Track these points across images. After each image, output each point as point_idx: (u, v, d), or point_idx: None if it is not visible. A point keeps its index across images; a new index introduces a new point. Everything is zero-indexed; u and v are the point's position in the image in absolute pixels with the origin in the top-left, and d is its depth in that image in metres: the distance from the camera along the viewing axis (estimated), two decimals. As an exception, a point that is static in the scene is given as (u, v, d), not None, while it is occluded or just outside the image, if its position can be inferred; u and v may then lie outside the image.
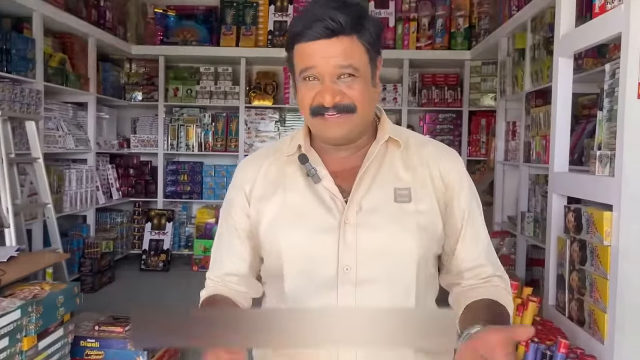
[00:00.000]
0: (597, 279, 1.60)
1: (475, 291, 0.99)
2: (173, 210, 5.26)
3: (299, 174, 1.02)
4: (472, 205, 1.04)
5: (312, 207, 0.99)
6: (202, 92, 5.30)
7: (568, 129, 2.01)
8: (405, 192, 0.98)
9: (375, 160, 1.00)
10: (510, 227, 3.97)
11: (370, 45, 0.96)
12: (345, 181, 1.00)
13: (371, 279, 0.95)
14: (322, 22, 0.91)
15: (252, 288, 1.08)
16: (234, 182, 1.09)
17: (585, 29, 1.78)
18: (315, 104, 0.95)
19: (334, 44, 0.92)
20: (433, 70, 5.39)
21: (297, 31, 0.95)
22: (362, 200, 0.98)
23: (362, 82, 0.95)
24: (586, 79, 2.82)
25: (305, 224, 0.98)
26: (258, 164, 1.07)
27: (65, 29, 4.11)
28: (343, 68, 0.93)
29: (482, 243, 1.04)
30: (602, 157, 1.66)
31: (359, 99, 0.94)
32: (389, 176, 1.00)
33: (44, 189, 3.20)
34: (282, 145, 1.08)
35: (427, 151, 1.04)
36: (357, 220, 0.96)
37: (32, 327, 1.96)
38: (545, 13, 3.23)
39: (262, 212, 1.02)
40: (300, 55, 0.96)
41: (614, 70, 1.66)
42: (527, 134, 3.54)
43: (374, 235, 0.96)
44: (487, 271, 1.02)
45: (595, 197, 1.67)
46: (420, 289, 0.99)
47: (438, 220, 1.00)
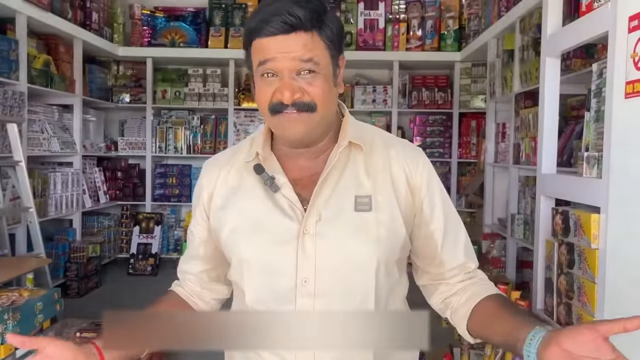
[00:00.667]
0: (585, 282, 1.57)
1: (474, 289, 0.98)
2: (161, 213, 5.20)
3: (258, 181, 0.98)
4: (446, 204, 1.02)
5: (271, 216, 0.95)
6: (191, 94, 5.26)
7: (556, 129, 1.98)
8: (366, 201, 0.95)
9: (336, 166, 0.96)
10: (501, 229, 3.95)
11: (331, 42, 0.92)
12: (305, 189, 0.96)
13: (329, 291, 0.92)
14: (280, 16, 0.86)
15: (208, 289, 1.07)
16: (197, 186, 1.07)
17: (572, 28, 1.76)
18: (274, 101, 0.90)
19: (293, 40, 0.88)
20: (423, 72, 5.38)
21: (254, 26, 0.90)
22: (322, 209, 0.94)
23: (323, 79, 0.91)
24: (575, 80, 2.80)
25: (264, 234, 0.95)
26: (217, 172, 1.03)
27: (50, 30, 4.06)
28: (303, 63, 0.88)
29: (461, 240, 1.02)
30: (589, 159, 1.63)
31: (320, 97, 0.90)
32: (350, 183, 0.96)
33: (26, 192, 3.14)
34: (242, 149, 1.04)
35: (393, 154, 1.00)
36: (317, 230, 0.93)
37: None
38: (533, 14, 3.21)
39: (223, 220, 1.00)
40: (257, 51, 0.90)
41: (601, 70, 1.63)
42: (516, 136, 3.53)
43: (333, 246, 0.93)
44: (469, 267, 1.02)
45: (583, 199, 1.64)
46: (381, 297, 0.96)
47: (400, 228, 0.97)
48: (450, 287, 1.01)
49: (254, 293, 0.96)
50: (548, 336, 0.76)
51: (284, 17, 0.86)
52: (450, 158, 5.22)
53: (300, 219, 0.94)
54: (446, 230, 1.00)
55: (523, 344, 0.78)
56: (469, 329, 0.96)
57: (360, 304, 0.94)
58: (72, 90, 4.33)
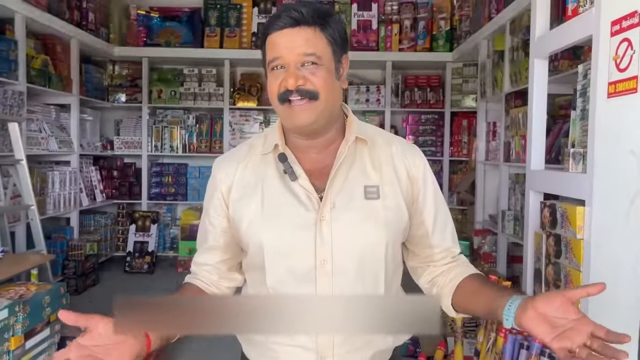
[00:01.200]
0: (571, 271, 1.67)
1: (457, 270, 1.10)
2: (157, 212, 5.25)
3: (275, 173, 1.07)
4: (437, 195, 1.13)
5: (290, 205, 1.05)
6: (186, 93, 5.31)
7: (544, 128, 2.08)
8: (374, 190, 1.06)
9: (345, 159, 1.07)
10: (492, 225, 4.05)
11: (333, 39, 1.03)
12: (318, 180, 1.06)
13: (345, 270, 1.02)
14: (287, 12, 1.00)
15: (226, 278, 1.14)
16: (212, 182, 1.14)
17: (558, 31, 1.85)
18: (282, 90, 1.01)
19: (298, 33, 1.00)
20: (415, 72, 5.47)
21: (267, 24, 1.03)
22: (336, 198, 1.04)
23: (324, 70, 1.01)
24: (563, 80, 2.90)
25: (284, 222, 1.04)
26: (234, 166, 1.11)
27: (47, 30, 4.10)
28: (306, 56, 1.00)
29: (449, 228, 1.14)
30: (575, 155, 1.72)
31: (322, 86, 1.00)
32: (359, 175, 1.07)
33: (28, 190, 3.19)
34: (257, 144, 1.13)
35: (394, 150, 1.12)
36: (332, 216, 1.03)
37: (19, 326, 1.97)
38: (522, 16, 3.31)
39: (242, 212, 1.08)
40: (269, 47, 1.03)
41: (586, 71, 1.72)
42: (506, 134, 3.62)
43: (347, 230, 1.03)
44: (455, 251, 1.14)
45: (569, 193, 1.73)
46: (389, 276, 1.08)
47: (404, 214, 1.08)
48: (437, 269, 1.13)
49: (276, 275, 1.04)
50: (524, 302, 0.88)
51: (290, 13, 1.00)
52: (442, 156, 5.31)
53: (316, 207, 1.03)
54: (436, 218, 1.12)
55: (502, 310, 0.90)
56: (453, 304, 1.08)
57: (373, 281, 1.05)
58: (69, 89, 4.38)
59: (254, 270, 1.10)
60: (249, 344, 1.13)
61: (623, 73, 1.40)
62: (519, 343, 1.74)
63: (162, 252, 5.32)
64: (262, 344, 1.08)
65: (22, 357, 2.02)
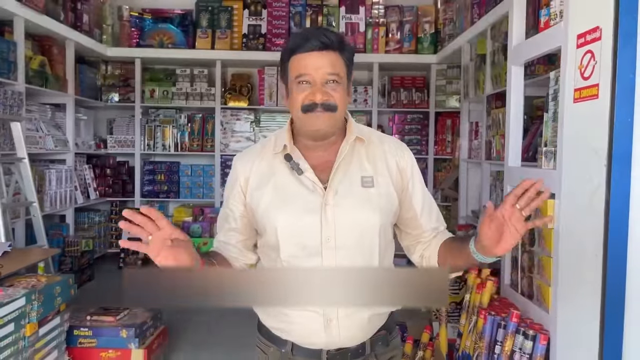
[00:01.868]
0: (543, 258, 1.85)
1: (436, 240, 1.32)
2: (150, 209, 5.36)
3: (285, 168, 1.27)
4: (422, 183, 1.35)
5: (299, 193, 1.24)
6: (178, 93, 5.43)
7: (520, 128, 2.26)
8: (369, 179, 1.27)
9: (346, 155, 1.27)
10: (474, 220, 4.25)
11: (349, 61, 1.26)
12: (322, 173, 1.26)
13: (346, 245, 1.22)
14: (318, 37, 1.19)
15: (243, 256, 1.34)
16: (233, 174, 1.34)
17: (532, 42, 2.03)
18: (307, 102, 1.20)
19: (325, 56, 1.20)
20: (401, 73, 5.66)
21: (296, 43, 1.22)
22: (338, 186, 1.24)
23: (342, 88, 1.23)
24: (540, 83, 3.10)
25: (295, 207, 1.24)
26: (252, 160, 1.32)
27: (44, 32, 4.20)
28: (330, 75, 1.20)
29: (434, 209, 1.36)
30: (547, 153, 1.91)
31: (340, 101, 1.22)
32: (357, 167, 1.27)
33: (30, 188, 3.30)
34: (269, 143, 1.33)
35: (386, 147, 1.32)
36: (334, 201, 1.23)
37: (34, 314, 2.10)
38: (503, 22, 3.50)
39: (258, 198, 1.28)
40: (296, 64, 1.21)
41: (557, 77, 1.90)
42: (488, 134, 3.82)
43: (348, 213, 1.23)
44: (440, 228, 1.36)
45: (542, 188, 1.91)
46: (382, 250, 1.28)
47: (394, 200, 1.29)
48: (424, 244, 1.34)
49: (289, 250, 1.24)
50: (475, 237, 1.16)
51: (321, 38, 1.19)
52: (427, 155, 5.51)
53: (321, 194, 1.23)
54: (423, 203, 1.33)
55: (470, 252, 1.16)
56: (439, 265, 1.29)
57: (369, 254, 1.25)
58: (64, 89, 4.48)
59: (269, 249, 1.29)
60: (264, 312, 1.32)
61: (587, 81, 1.59)
62: (497, 323, 1.92)
63: (155, 248, 5.43)
64: (276, 311, 1.26)
65: (36, 344, 2.15)
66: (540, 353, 1.74)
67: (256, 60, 5.41)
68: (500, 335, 1.89)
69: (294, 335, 1.27)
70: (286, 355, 1.28)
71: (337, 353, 1.25)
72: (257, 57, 5.35)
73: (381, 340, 1.31)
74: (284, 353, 1.28)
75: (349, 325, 1.23)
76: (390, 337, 1.34)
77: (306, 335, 1.25)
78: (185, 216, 5.21)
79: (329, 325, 1.22)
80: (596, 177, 1.53)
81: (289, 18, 5.41)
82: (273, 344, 1.30)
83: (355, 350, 1.26)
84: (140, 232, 1.00)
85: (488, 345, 1.95)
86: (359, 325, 1.25)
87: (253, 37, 5.38)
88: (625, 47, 1.46)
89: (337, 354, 1.25)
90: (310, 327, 1.23)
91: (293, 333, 1.26)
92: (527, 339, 1.77)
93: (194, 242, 5.09)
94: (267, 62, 5.40)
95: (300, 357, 1.27)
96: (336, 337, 1.23)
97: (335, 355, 1.25)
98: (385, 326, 1.32)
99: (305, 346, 1.26)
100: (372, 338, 1.29)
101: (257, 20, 5.43)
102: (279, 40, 5.36)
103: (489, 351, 1.95)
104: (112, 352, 2.53)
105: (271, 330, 1.31)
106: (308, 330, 1.24)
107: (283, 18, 5.40)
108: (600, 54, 1.52)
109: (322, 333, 1.22)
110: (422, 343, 2.39)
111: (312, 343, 1.25)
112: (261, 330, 1.35)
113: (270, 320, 1.31)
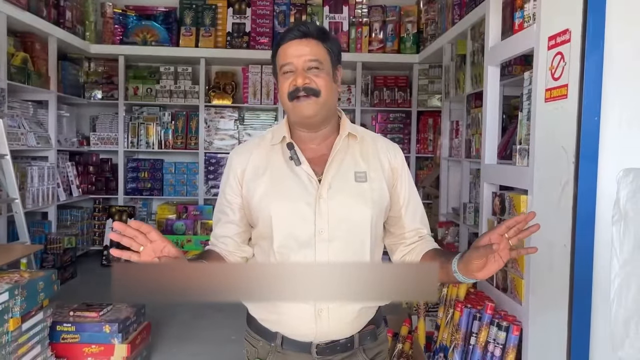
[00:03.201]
0: (517, 252, 1.92)
1: (421, 246, 1.34)
2: (134, 206, 5.36)
3: (281, 160, 1.31)
4: (411, 184, 1.38)
5: (294, 185, 1.27)
6: (162, 91, 5.43)
7: (496, 128, 2.33)
8: (362, 175, 1.30)
9: (340, 150, 1.31)
10: (454, 217, 4.33)
11: (331, 50, 1.29)
12: (317, 166, 1.29)
13: (338, 238, 1.25)
14: (297, 27, 1.27)
15: (239, 249, 1.35)
16: (230, 166, 1.36)
17: (507, 43, 2.10)
18: (291, 89, 1.25)
19: (304, 44, 1.26)
20: (384, 73, 5.73)
21: (280, 38, 1.29)
22: (332, 180, 1.27)
23: (325, 74, 1.27)
24: (517, 83, 3.17)
25: (289, 198, 1.26)
26: (248, 152, 1.34)
27: (26, 28, 4.18)
28: (310, 62, 1.25)
29: (419, 211, 1.38)
30: (521, 151, 1.98)
31: (323, 85, 1.25)
32: (350, 163, 1.31)
33: (12, 184, 3.30)
34: (266, 137, 1.37)
35: (379, 145, 1.37)
36: (328, 195, 1.26)
37: (17, 309, 2.11)
38: (482, 23, 3.57)
39: (254, 189, 1.30)
40: (281, 55, 1.28)
41: (530, 78, 1.98)
42: (468, 132, 3.90)
43: (341, 206, 1.26)
44: (422, 232, 1.38)
45: (516, 184, 1.98)
46: (372, 245, 1.30)
47: (386, 195, 1.32)
48: (406, 247, 1.37)
49: (282, 241, 1.26)
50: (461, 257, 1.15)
51: (299, 27, 1.27)
52: (409, 153, 5.58)
53: (316, 187, 1.26)
54: (409, 203, 1.37)
55: (452, 271, 1.16)
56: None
57: (360, 247, 1.28)
58: (47, 86, 4.46)
59: (262, 240, 1.31)
60: (254, 304, 1.34)
61: (557, 81, 1.65)
62: (473, 315, 1.99)
63: (138, 246, 5.43)
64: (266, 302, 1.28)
65: (19, 338, 2.16)
66: (513, 343, 1.81)
67: (240, 59, 5.43)
68: (476, 327, 1.96)
69: (284, 326, 1.28)
70: (275, 349, 1.30)
71: (326, 347, 1.27)
72: (241, 55, 5.37)
73: (369, 334, 1.33)
74: (274, 347, 1.30)
75: (340, 316, 1.25)
76: (378, 331, 1.37)
77: (296, 326, 1.26)
78: (168, 214, 5.22)
79: (319, 316, 1.24)
80: (564, 173, 1.59)
81: (273, 17, 5.44)
82: (262, 338, 1.32)
83: (344, 344, 1.29)
84: (130, 243, 1.01)
85: (464, 337, 2.01)
86: (350, 317, 1.27)
87: (237, 35, 5.40)
88: (593, 49, 1.52)
89: (326, 348, 1.27)
90: (301, 318, 1.25)
91: (283, 324, 1.28)
92: (501, 330, 1.84)
93: (176, 239, 5.07)
94: (251, 60, 5.43)
95: (290, 350, 1.28)
96: (326, 328, 1.25)
97: (324, 348, 1.27)
98: (374, 320, 1.35)
99: (295, 338, 1.27)
100: (361, 332, 1.31)
101: (241, 19, 5.46)
102: (263, 39, 5.39)
103: (464, 342, 2.02)
104: (95, 347, 2.55)
105: (261, 322, 1.32)
106: (298, 321, 1.26)
107: (267, 17, 5.43)
108: (570, 55, 1.59)
109: (313, 324, 1.24)
110: (401, 336, 2.45)
111: (302, 334, 1.27)
112: (250, 323, 1.37)
113: (260, 311, 1.32)
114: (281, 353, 1.30)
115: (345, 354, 1.29)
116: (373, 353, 1.35)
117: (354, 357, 1.31)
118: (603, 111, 1.53)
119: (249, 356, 1.36)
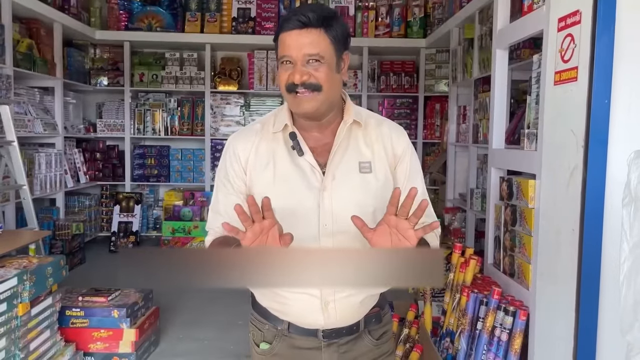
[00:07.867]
0: (524, 237, 1.91)
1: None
2: (141, 193, 5.38)
3: (284, 149, 1.25)
4: (414, 171, 1.31)
5: (297, 176, 1.23)
6: (168, 77, 5.42)
7: (504, 112, 2.30)
8: (367, 165, 1.25)
9: (343, 139, 1.26)
10: (461, 203, 4.31)
11: (336, 39, 1.19)
12: (320, 156, 1.25)
13: (342, 231, 1.21)
14: (296, 16, 1.16)
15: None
16: (230, 152, 1.30)
17: (516, 25, 2.07)
18: (289, 82, 1.18)
19: (304, 35, 1.16)
20: (391, 58, 5.67)
21: (280, 25, 1.21)
22: (335, 171, 1.23)
23: (326, 67, 1.18)
24: (526, 67, 3.13)
25: (293, 190, 1.22)
26: (251, 139, 1.28)
27: (31, 14, 4.17)
28: (310, 55, 1.16)
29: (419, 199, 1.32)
30: (529, 135, 1.95)
31: (324, 80, 1.17)
32: (354, 152, 1.26)
33: (20, 171, 3.31)
34: (268, 121, 1.30)
35: (384, 130, 1.30)
36: (332, 186, 1.22)
37: (27, 294, 2.13)
38: (491, 5, 3.52)
39: (257, 178, 1.25)
40: (281, 44, 1.19)
41: (539, 61, 1.95)
42: (475, 117, 3.86)
43: (345, 199, 1.22)
44: (425, 221, 1.29)
45: (524, 169, 1.96)
46: None
47: (390, 185, 1.26)
48: None
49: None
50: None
51: (299, 17, 1.16)
52: (416, 139, 5.55)
53: (319, 178, 1.22)
54: (406, 189, 1.28)
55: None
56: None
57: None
58: (52, 73, 4.46)
59: None
60: (260, 293, 1.32)
61: (567, 64, 1.63)
62: (480, 300, 1.98)
63: (146, 232, 5.47)
64: (273, 292, 1.27)
65: (28, 323, 2.19)
66: (520, 328, 1.81)
67: (246, 44, 5.40)
68: (482, 312, 1.96)
69: (291, 316, 1.27)
70: (282, 332, 1.29)
71: (332, 331, 1.27)
72: (246, 40, 5.34)
73: (374, 317, 1.33)
74: (280, 330, 1.29)
75: (345, 307, 1.24)
76: (383, 312, 1.37)
77: (303, 316, 1.26)
78: (175, 200, 5.24)
79: (326, 308, 1.23)
80: (573, 157, 1.57)
81: (279, 1, 5.40)
82: (268, 322, 1.31)
83: (350, 327, 1.28)
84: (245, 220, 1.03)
85: (471, 322, 2.01)
86: (355, 306, 1.26)
87: (242, 20, 5.37)
88: (604, 30, 1.49)
89: (332, 332, 1.27)
90: (307, 309, 1.24)
91: (290, 314, 1.27)
92: (508, 315, 1.83)
93: (183, 225, 5.06)
94: (257, 45, 5.39)
95: (297, 334, 1.28)
96: (333, 319, 1.24)
97: (330, 333, 1.27)
98: (378, 303, 1.34)
99: (302, 325, 1.27)
100: (366, 316, 1.30)
101: (246, 4, 5.42)
102: (269, 24, 5.35)
103: (471, 327, 2.02)
104: (104, 331, 2.57)
105: (268, 309, 1.32)
106: (305, 312, 1.24)
107: (272, 1, 5.39)
108: (580, 37, 1.56)
109: (320, 315, 1.23)
110: (407, 321, 2.45)
111: (309, 323, 1.26)
112: (256, 307, 1.35)
113: (267, 300, 1.31)
114: (288, 337, 1.29)
115: (351, 337, 1.30)
116: (378, 334, 1.35)
117: (360, 339, 1.31)
118: (613, 94, 1.50)
119: (255, 339, 1.35)
